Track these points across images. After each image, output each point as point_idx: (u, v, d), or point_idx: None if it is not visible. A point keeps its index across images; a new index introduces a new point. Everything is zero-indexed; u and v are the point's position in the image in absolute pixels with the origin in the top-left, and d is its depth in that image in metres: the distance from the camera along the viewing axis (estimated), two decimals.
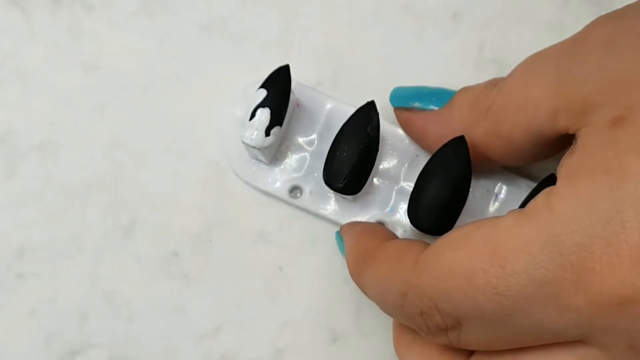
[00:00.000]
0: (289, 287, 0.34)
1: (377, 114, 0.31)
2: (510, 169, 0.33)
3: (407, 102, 0.32)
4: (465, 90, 0.31)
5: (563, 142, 0.28)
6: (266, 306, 0.34)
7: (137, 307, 0.34)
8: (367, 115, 0.31)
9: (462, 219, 0.30)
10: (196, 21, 0.35)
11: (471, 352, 0.28)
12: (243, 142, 0.32)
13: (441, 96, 0.31)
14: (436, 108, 0.31)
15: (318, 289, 0.34)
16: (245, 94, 0.34)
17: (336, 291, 0.34)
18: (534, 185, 0.32)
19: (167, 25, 0.35)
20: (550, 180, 0.27)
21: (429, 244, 0.28)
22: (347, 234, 0.33)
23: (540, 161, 0.30)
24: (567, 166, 0.25)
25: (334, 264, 0.34)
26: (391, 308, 0.29)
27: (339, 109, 0.34)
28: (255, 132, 0.31)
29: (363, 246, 0.31)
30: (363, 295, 0.34)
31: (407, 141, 0.33)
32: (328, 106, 0.34)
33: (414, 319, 0.27)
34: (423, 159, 0.32)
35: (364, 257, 0.30)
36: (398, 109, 0.32)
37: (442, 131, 0.31)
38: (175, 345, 0.34)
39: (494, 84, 0.30)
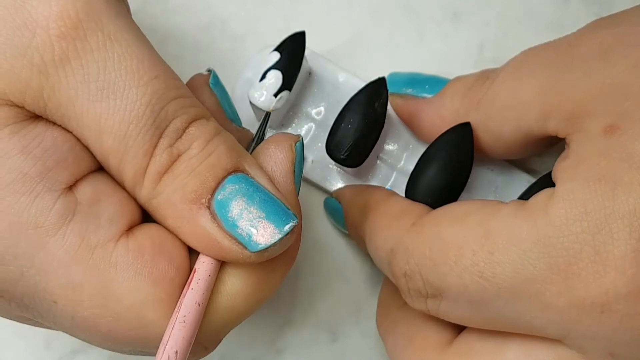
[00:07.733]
0: (289, 287, 0.34)
1: (387, 91, 0.31)
2: (508, 160, 0.33)
3: (401, 88, 0.32)
4: (457, 79, 0.31)
5: (552, 141, 0.28)
6: (266, 306, 0.34)
7: None
8: (376, 90, 0.31)
9: None
10: (196, 21, 0.35)
11: (453, 334, 0.28)
12: (251, 102, 0.32)
13: (434, 84, 0.32)
14: (429, 96, 0.31)
15: (318, 289, 0.34)
16: (259, 55, 0.34)
17: (336, 291, 0.34)
18: (532, 179, 0.33)
19: (167, 25, 0.35)
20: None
21: (430, 209, 0.28)
22: (348, 189, 0.33)
23: (530, 156, 0.30)
24: (563, 171, 0.25)
25: (335, 264, 0.34)
26: (380, 262, 0.29)
27: (351, 83, 0.33)
28: (264, 94, 0.31)
29: (368, 196, 0.31)
30: (363, 295, 0.34)
31: None
32: (340, 79, 0.34)
33: (398, 279, 0.28)
34: (427, 142, 0.32)
35: (367, 207, 0.30)
36: (392, 94, 0.32)
37: (433, 119, 0.31)
38: None
39: (486, 76, 0.30)
